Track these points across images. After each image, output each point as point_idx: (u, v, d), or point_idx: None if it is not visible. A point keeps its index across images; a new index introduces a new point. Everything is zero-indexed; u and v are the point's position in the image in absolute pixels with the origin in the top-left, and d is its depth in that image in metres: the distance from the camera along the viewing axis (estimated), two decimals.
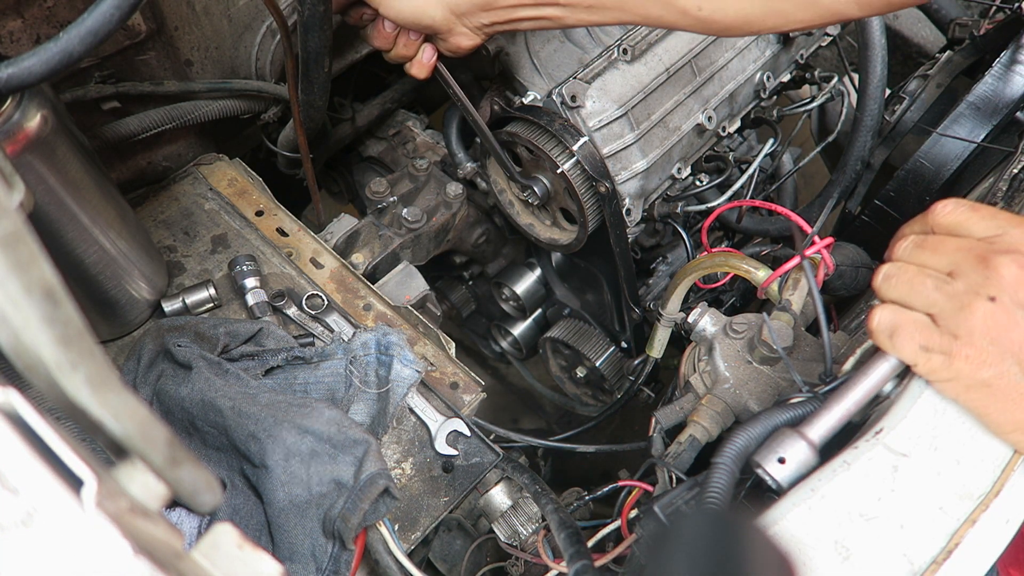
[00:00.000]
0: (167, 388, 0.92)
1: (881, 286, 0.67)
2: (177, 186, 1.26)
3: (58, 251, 0.89)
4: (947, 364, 0.61)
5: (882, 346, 0.66)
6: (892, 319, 0.64)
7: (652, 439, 0.92)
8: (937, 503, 0.62)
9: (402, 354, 0.99)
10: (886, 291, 0.66)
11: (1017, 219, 0.65)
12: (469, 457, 0.99)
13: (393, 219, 1.39)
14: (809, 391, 0.69)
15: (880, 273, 0.68)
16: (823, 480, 0.63)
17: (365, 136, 1.62)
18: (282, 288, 1.11)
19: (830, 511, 0.62)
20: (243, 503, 0.88)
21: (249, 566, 0.44)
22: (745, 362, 0.89)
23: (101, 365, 0.39)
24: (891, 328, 0.64)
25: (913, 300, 0.64)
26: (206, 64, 1.20)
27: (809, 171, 2.16)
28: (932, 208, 0.68)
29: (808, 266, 0.67)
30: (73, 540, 0.35)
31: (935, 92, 1.40)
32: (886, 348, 0.65)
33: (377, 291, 1.15)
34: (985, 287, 0.60)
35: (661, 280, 1.51)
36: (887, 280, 0.66)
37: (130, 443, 0.41)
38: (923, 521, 0.62)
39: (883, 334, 0.65)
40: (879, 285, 0.67)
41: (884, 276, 0.67)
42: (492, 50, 1.23)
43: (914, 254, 0.66)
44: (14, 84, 0.69)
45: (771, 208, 1.17)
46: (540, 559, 0.91)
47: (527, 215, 1.34)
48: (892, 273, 0.66)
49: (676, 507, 0.72)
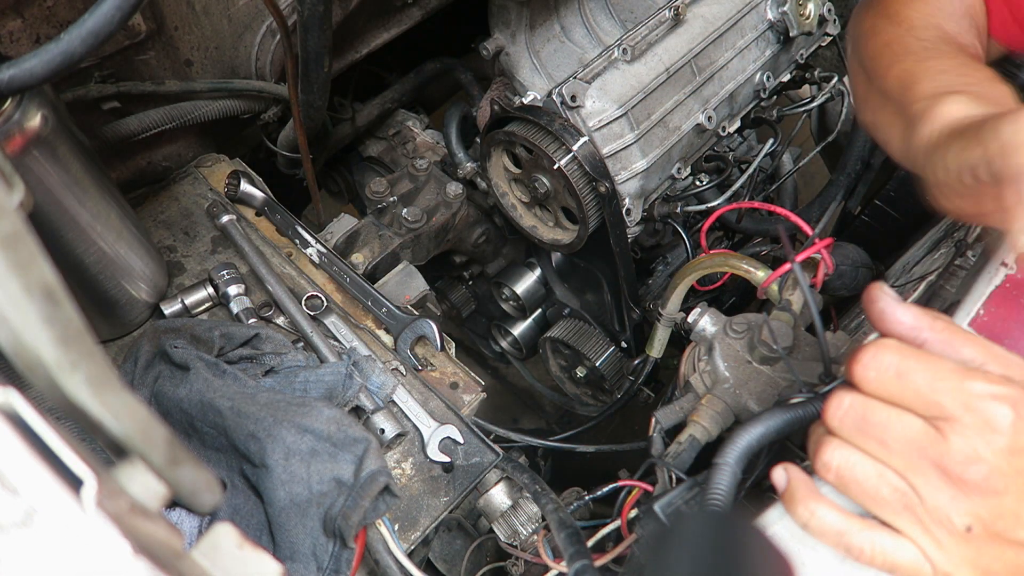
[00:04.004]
0: (165, 389, 0.92)
1: (819, 470, 0.57)
2: (177, 186, 1.26)
3: (58, 251, 0.89)
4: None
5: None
6: (839, 523, 0.57)
7: (652, 439, 0.92)
8: None
9: (369, 380, 1.01)
10: (823, 473, 0.57)
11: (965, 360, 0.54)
12: (469, 457, 0.99)
13: (393, 219, 1.39)
14: (809, 391, 0.68)
15: (817, 446, 0.58)
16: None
17: (365, 136, 1.62)
18: (267, 298, 1.11)
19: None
20: (243, 503, 0.88)
21: (249, 566, 0.44)
22: (745, 362, 0.89)
23: (101, 365, 0.39)
24: (839, 531, 0.57)
25: (867, 504, 0.56)
26: (206, 64, 1.20)
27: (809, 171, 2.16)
28: (856, 356, 0.56)
29: (799, 271, 0.67)
30: (73, 540, 0.35)
31: None
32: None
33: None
34: (956, 512, 0.52)
35: (661, 280, 1.51)
36: (825, 468, 0.57)
37: (130, 443, 0.41)
38: None
39: (828, 536, 0.57)
40: (816, 461, 0.57)
41: (822, 463, 0.57)
42: (492, 50, 1.23)
43: (855, 435, 0.55)
44: (15, 85, 0.69)
45: (771, 209, 1.17)
46: (540, 559, 0.91)
47: (530, 217, 1.34)
48: (832, 460, 0.56)
49: (676, 507, 0.72)
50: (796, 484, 0.59)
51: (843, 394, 0.56)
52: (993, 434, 0.51)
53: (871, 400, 0.55)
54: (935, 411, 0.53)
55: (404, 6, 1.35)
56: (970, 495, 0.52)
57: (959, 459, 0.52)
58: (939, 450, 0.52)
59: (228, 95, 1.21)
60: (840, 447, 0.56)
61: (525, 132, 1.14)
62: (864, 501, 0.56)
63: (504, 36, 1.24)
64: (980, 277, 0.74)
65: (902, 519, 0.54)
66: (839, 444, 0.56)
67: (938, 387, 0.52)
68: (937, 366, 0.53)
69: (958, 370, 0.53)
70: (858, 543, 0.56)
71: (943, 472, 0.52)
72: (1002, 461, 0.51)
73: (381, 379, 1.01)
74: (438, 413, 1.02)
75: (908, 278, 1.08)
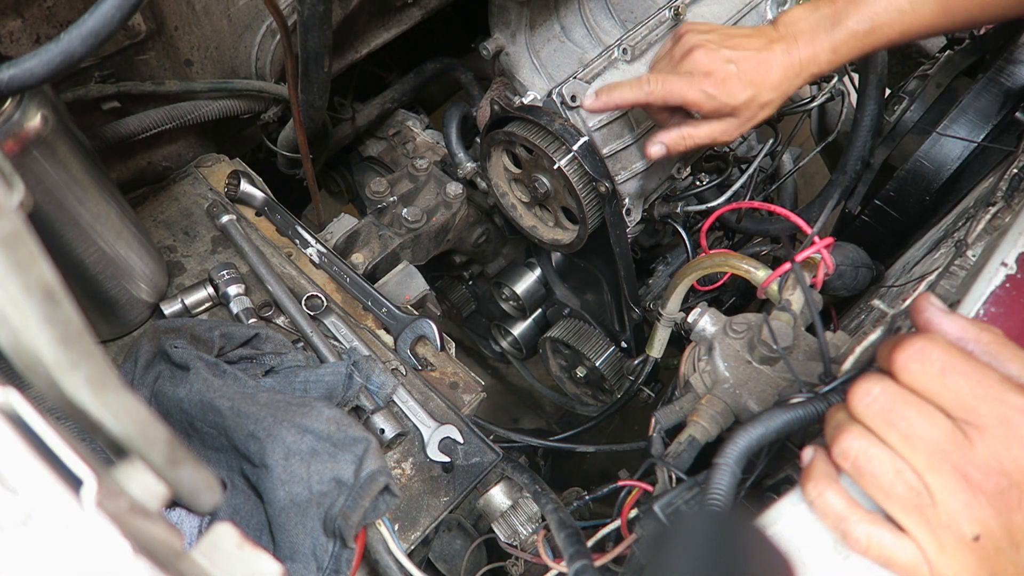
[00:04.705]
0: (165, 389, 0.92)
1: (836, 456, 0.57)
2: (177, 186, 1.26)
3: (58, 251, 0.89)
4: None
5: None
6: (842, 509, 0.57)
7: (652, 439, 0.92)
8: None
9: (369, 380, 1.01)
10: (840, 461, 0.57)
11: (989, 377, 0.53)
12: (469, 457, 0.99)
13: (393, 219, 1.39)
14: (809, 391, 0.68)
15: (837, 431, 0.57)
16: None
17: (365, 136, 1.62)
18: (267, 298, 1.11)
19: None
20: (243, 503, 0.88)
21: (249, 566, 0.44)
22: (745, 362, 0.89)
23: (101, 365, 0.39)
24: (840, 516, 0.57)
25: (878, 498, 0.55)
26: (206, 64, 1.20)
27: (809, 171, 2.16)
28: (901, 344, 0.55)
29: (799, 270, 0.67)
30: (73, 540, 0.35)
31: (935, 92, 1.40)
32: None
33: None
34: (968, 519, 0.52)
35: (661, 280, 1.51)
36: (842, 455, 0.56)
37: (130, 443, 0.41)
38: None
39: (830, 519, 0.58)
40: (833, 447, 0.57)
41: (840, 450, 0.56)
42: (492, 50, 1.23)
43: (879, 424, 0.55)
44: (15, 85, 0.69)
45: (771, 209, 1.17)
46: (540, 559, 0.91)
47: (530, 217, 1.34)
48: (850, 448, 0.56)
49: (676, 507, 0.72)
50: (817, 464, 0.60)
51: (873, 381, 0.55)
52: (1020, 449, 0.51)
53: (903, 391, 0.54)
54: (969, 416, 0.52)
55: (404, 6, 1.35)
56: (985, 505, 0.52)
57: (981, 467, 0.51)
58: (963, 455, 0.52)
59: (228, 95, 1.21)
60: (861, 436, 0.55)
61: (525, 132, 1.14)
62: (876, 494, 0.55)
63: (504, 36, 1.24)
64: (980, 277, 0.74)
65: (911, 518, 0.54)
66: (860, 433, 0.56)
67: (979, 393, 0.52)
68: (984, 373, 0.53)
69: (1004, 381, 0.52)
70: (855, 533, 0.56)
71: (963, 477, 0.52)
72: (1023, 478, 0.51)
73: (381, 379, 1.01)
74: (438, 413, 1.03)
75: (908, 278, 1.08)
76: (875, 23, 0.97)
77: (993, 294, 0.72)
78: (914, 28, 0.98)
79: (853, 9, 0.97)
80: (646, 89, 1.01)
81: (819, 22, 0.99)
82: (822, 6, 1.00)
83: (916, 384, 0.54)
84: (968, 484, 0.52)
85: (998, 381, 0.52)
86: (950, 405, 0.53)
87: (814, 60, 0.99)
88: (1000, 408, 0.51)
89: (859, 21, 0.97)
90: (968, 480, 0.52)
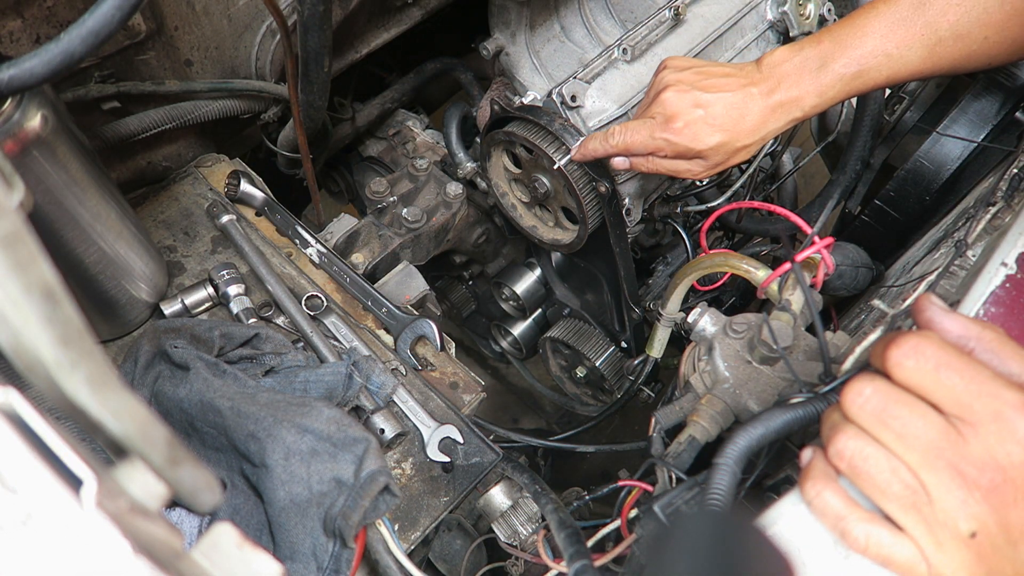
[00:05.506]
0: (165, 389, 0.92)
1: (832, 457, 0.57)
2: (177, 186, 1.26)
3: (58, 251, 0.89)
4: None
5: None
6: (840, 509, 0.57)
7: (652, 439, 0.92)
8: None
9: (369, 380, 1.01)
10: (836, 462, 0.57)
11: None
12: (469, 457, 0.99)
13: (393, 219, 1.39)
14: (809, 391, 0.68)
15: (832, 432, 0.57)
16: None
17: (365, 136, 1.62)
18: (267, 298, 1.11)
19: None
20: (243, 503, 0.88)
21: (249, 566, 0.44)
22: (745, 362, 0.89)
23: (101, 365, 0.39)
24: (838, 515, 0.57)
25: (875, 497, 0.56)
26: (206, 64, 1.20)
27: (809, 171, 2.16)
28: (896, 341, 0.55)
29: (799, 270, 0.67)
30: (72, 540, 0.35)
31: (935, 92, 1.40)
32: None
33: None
34: (964, 516, 0.52)
35: (661, 280, 1.51)
36: (838, 456, 0.56)
37: (130, 443, 0.41)
38: None
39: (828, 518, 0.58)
40: (829, 448, 0.57)
41: (835, 451, 0.56)
42: (492, 50, 1.23)
43: (873, 424, 0.55)
44: (15, 85, 0.69)
45: (771, 209, 1.17)
46: (540, 559, 0.91)
47: (530, 217, 1.34)
48: (846, 449, 0.56)
49: (676, 507, 0.72)
50: (816, 464, 0.60)
51: (865, 381, 0.55)
52: (1015, 445, 0.51)
53: (895, 390, 0.54)
54: (963, 412, 0.52)
55: (404, 6, 1.35)
56: (980, 501, 0.52)
57: (976, 463, 0.51)
58: (957, 451, 0.52)
59: (228, 95, 1.21)
60: (856, 436, 0.56)
61: (525, 132, 1.14)
62: (873, 494, 0.55)
63: (504, 36, 1.24)
64: (980, 277, 0.74)
65: (908, 517, 0.54)
66: (855, 433, 0.56)
67: (973, 389, 0.52)
68: (978, 369, 0.53)
69: (998, 377, 0.52)
70: (854, 532, 0.56)
71: (958, 474, 0.52)
72: (1018, 474, 0.51)
73: (381, 379, 1.01)
74: (438, 413, 1.03)
75: (908, 278, 1.08)
76: (862, 67, 0.96)
77: (993, 294, 0.72)
78: (900, 73, 0.97)
79: (839, 52, 0.96)
80: (612, 142, 1.02)
81: (804, 64, 0.97)
82: (806, 47, 0.97)
83: (910, 381, 0.54)
84: (963, 480, 0.52)
85: (992, 377, 0.52)
86: (944, 402, 0.53)
87: (797, 103, 0.97)
88: (994, 404, 0.51)
89: (846, 64, 0.95)
90: (963, 476, 0.52)
